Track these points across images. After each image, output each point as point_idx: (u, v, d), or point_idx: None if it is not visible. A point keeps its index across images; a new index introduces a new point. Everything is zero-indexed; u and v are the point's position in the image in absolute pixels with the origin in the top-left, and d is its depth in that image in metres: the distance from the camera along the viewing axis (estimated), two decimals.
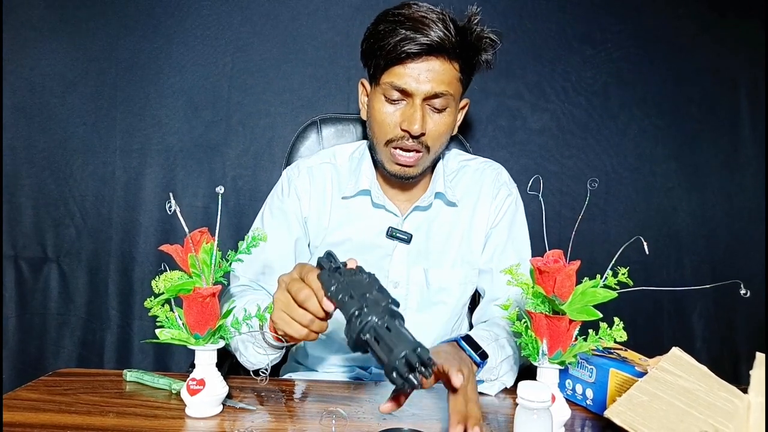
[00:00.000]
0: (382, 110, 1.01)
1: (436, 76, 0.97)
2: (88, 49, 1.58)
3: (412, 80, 0.96)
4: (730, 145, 1.72)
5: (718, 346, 1.72)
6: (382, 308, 0.64)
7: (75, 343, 1.61)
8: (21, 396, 0.84)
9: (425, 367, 0.59)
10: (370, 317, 0.64)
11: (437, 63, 0.96)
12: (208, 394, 0.78)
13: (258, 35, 1.61)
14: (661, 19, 1.68)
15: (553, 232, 0.89)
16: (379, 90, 1.00)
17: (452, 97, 1.00)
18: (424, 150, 1.02)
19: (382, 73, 0.99)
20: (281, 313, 0.77)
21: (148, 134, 1.60)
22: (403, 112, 0.99)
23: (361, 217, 1.11)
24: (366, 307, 0.65)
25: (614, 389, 0.83)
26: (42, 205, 1.59)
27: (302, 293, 0.74)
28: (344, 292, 0.69)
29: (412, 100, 0.98)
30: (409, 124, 0.98)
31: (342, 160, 1.16)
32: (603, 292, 0.76)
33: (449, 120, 1.03)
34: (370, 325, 0.63)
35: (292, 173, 1.15)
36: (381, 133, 1.02)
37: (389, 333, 0.62)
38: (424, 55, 0.95)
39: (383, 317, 0.64)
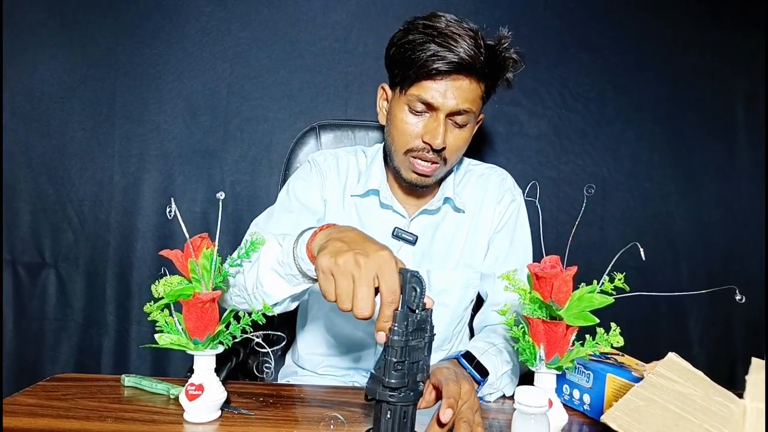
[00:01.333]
0: (405, 120, 1.02)
1: (462, 94, 0.98)
2: (87, 55, 1.59)
3: (438, 95, 0.98)
4: (726, 151, 1.73)
5: (715, 351, 1.73)
6: (412, 396, 0.65)
7: (72, 348, 1.61)
8: (19, 401, 0.84)
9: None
10: (401, 401, 0.65)
11: (465, 81, 0.98)
12: (206, 400, 0.78)
13: (257, 41, 1.62)
14: (658, 26, 1.69)
15: (551, 238, 0.89)
16: (404, 100, 1.02)
17: (473, 114, 1.02)
18: (442, 162, 1.04)
19: (411, 86, 1.00)
20: (347, 281, 0.67)
21: (147, 140, 1.61)
22: (426, 124, 1.01)
23: (368, 216, 1.13)
24: (404, 387, 0.65)
25: (611, 394, 0.84)
26: (40, 210, 1.59)
27: (384, 297, 0.66)
28: (402, 346, 0.64)
29: (436, 114, 1.00)
30: (431, 138, 0.99)
31: (362, 159, 1.18)
32: (600, 297, 0.77)
33: (467, 136, 1.05)
34: (395, 405, 0.65)
35: (318, 157, 1.18)
36: (401, 142, 1.03)
37: (402, 421, 0.65)
38: (453, 72, 0.97)
39: (411, 403, 0.66)
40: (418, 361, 0.65)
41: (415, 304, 0.65)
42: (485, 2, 1.63)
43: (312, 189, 1.13)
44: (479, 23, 1.01)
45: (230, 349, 0.83)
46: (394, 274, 0.67)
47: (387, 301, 0.65)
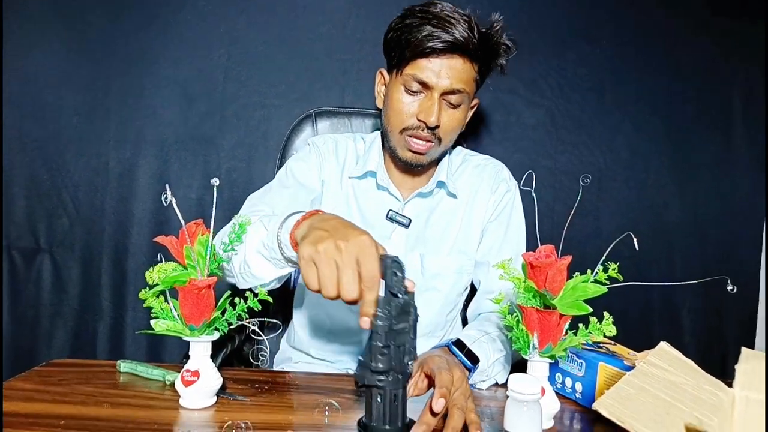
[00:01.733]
0: (401, 100, 1.05)
1: (456, 74, 1.01)
2: (82, 40, 1.58)
3: (433, 74, 1.01)
4: (723, 144, 1.74)
5: (707, 341, 1.75)
6: (400, 380, 0.66)
7: (68, 333, 1.61)
8: (15, 386, 0.84)
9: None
10: (389, 385, 0.65)
11: (458, 61, 1.01)
12: (202, 386, 0.79)
13: (254, 27, 1.60)
14: (657, 17, 1.69)
15: (546, 228, 0.90)
16: (400, 80, 1.05)
17: (467, 95, 1.05)
18: (436, 141, 1.06)
19: (406, 65, 1.03)
20: (329, 268, 0.68)
21: (142, 125, 1.60)
22: (421, 103, 1.04)
23: (365, 198, 1.15)
24: (391, 371, 0.65)
25: (603, 383, 0.85)
26: (35, 195, 1.59)
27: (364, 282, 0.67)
28: (387, 332, 0.65)
29: (430, 93, 1.02)
30: (426, 116, 1.02)
31: (360, 144, 1.21)
32: (593, 287, 0.77)
33: (461, 116, 1.08)
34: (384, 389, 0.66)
35: (317, 140, 1.20)
36: (397, 122, 1.06)
37: (393, 404, 0.66)
38: (447, 52, 1.00)
39: (400, 386, 0.66)
40: (403, 344, 0.66)
41: (396, 289, 0.65)
42: None
43: (310, 169, 1.16)
44: (478, 11, 1.03)
45: (225, 335, 0.84)
46: (374, 259, 0.67)
47: (367, 285, 0.66)
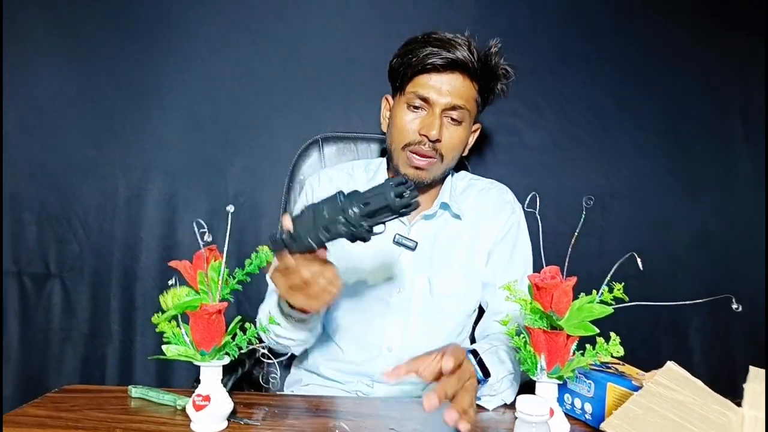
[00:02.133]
0: (403, 117, 1.09)
1: (456, 90, 1.06)
2: (91, 67, 1.61)
3: (434, 90, 1.06)
4: (725, 161, 1.74)
5: (716, 360, 1.73)
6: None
7: (77, 358, 1.62)
8: (28, 413, 0.85)
9: (404, 184, 0.75)
10: (343, 210, 0.77)
11: (459, 78, 1.06)
12: (213, 410, 0.80)
13: (259, 53, 1.64)
14: (657, 37, 1.71)
15: (551, 248, 0.91)
16: (403, 99, 1.10)
17: (468, 113, 1.09)
18: (438, 157, 1.09)
19: (408, 83, 1.09)
20: (305, 300, 0.86)
21: (151, 151, 1.62)
22: (422, 119, 1.08)
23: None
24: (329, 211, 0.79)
25: (612, 403, 0.85)
26: (45, 220, 1.61)
27: (301, 273, 0.83)
28: (321, 225, 0.79)
29: (432, 110, 1.07)
30: (427, 130, 1.06)
31: (359, 172, 1.24)
32: (599, 307, 0.78)
33: (463, 134, 1.11)
34: (349, 208, 0.77)
35: (314, 181, 1.24)
36: (400, 138, 1.10)
37: (365, 194, 0.77)
38: (448, 69, 1.05)
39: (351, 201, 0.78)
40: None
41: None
42: (484, 14, 1.66)
43: None
44: (479, 34, 1.07)
45: (236, 359, 0.85)
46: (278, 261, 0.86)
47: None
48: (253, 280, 0.85)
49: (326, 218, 0.79)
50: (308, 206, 0.82)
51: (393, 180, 0.76)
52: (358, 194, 0.78)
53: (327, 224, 0.79)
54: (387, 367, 1.11)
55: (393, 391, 1.13)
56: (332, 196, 0.80)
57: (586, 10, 1.69)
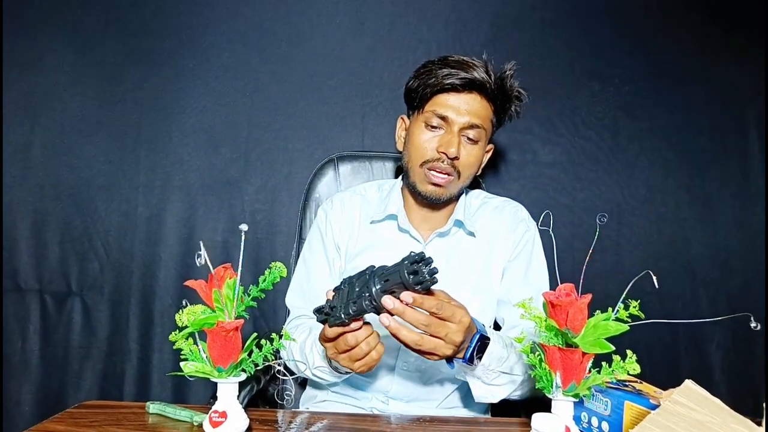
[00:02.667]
0: (421, 135, 1.11)
1: (474, 110, 1.08)
2: (114, 91, 1.66)
3: (452, 110, 1.08)
4: (740, 175, 1.73)
5: (738, 378, 1.70)
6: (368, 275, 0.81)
7: (96, 375, 1.64)
8: (49, 428, 0.86)
9: (422, 261, 0.77)
10: (368, 285, 0.80)
11: (477, 98, 1.08)
12: (230, 426, 0.80)
13: (276, 75, 1.68)
14: (669, 53, 1.72)
15: (566, 265, 0.91)
16: (422, 118, 1.12)
17: (484, 132, 1.11)
18: (456, 175, 1.11)
19: (427, 102, 1.11)
20: (351, 363, 0.89)
21: (170, 171, 1.66)
22: (441, 137, 1.10)
23: (387, 242, 1.18)
24: (360, 286, 0.81)
25: (629, 422, 0.84)
26: (68, 240, 1.65)
27: (347, 340, 0.86)
28: (351, 301, 0.82)
29: (450, 128, 1.09)
30: (446, 147, 1.08)
31: (371, 193, 1.26)
32: (615, 325, 0.77)
33: (479, 153, 1.13)
34: (372, 283, 0.79)
35: (327, 206, 1.25)
36: (418, 156, 1.12)
37: (385, 270, 0.80)
38: (466, 89, 1.07)
39: (373, 277, 0.80)
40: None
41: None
42: (498, 34, 1.68)
43: (317, 257, 1.22)
44: (492, 54, 1.09)
45: (251, 376, 0.85)
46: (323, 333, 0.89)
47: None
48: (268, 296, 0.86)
49: (356, 292, 0.82)
50: (345, 279, 0.86)
51: (408, 258, 0.77)
52: (380, 270, 0.81)
53: (355, 299, 0.82)
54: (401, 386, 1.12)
55: (408, 407, 1.13)
56: (363, 270, 0.84)
57: (597, 29, 1.70)
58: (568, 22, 1.69)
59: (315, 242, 1.25)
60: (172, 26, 1.67)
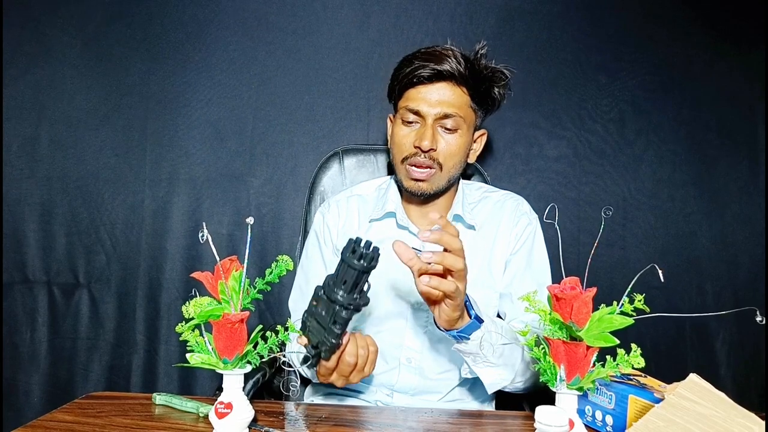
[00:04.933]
0: (399, 133, 1.12)
1: (446, 99, 1.07)
2: (120, 85, 1.67)
3: (424, 103, 1.08)
4: (748, 170, 1.72)
5: (744, 373, 1.69)
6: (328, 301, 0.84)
7: (103, 366, 1.65)
8: (57, 418, 0.88)
9: (355, 243, 0.80)
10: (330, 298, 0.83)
11: (447, 87, 1.08)
12: (235, 418, 0.81)
13: (281, 69, 1.67)
14: (676, 48, 1.71)
15: (572, 258, 0.90)
16: (398, 116, 1.13)
17: (462, 120, 1.09)
18: (437, 167, 1.10)
19: (399, 99, 1.12)
20: (337, 379, 0.93)
21: (176, 164, 1.67)
22: (417, 132, 1.10)
23: (387, 239, 1.16)
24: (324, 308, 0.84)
25: (634, 416, 0.84)
26: (75, 232, 1.66)
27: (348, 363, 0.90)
28: (330, 323, 0.84)
29: (424, 121, 1.09)
30: (420, 141, 1.08)
31: (369, 192, 1.26)
32: (619, 318, 0.77)
33: (461, 141, 1.11)
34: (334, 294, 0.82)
35: (324, 209, 1.26)
36: (398, 152, 1.13)
37: (331, 275, 0.84)
38: (434, 79, 1.07)
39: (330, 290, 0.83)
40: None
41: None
42: (504, 27, 1.67)
43: (314, 260, 1.23)
44: (498, 47, 1.07)
45: (257, 368, 0.86)
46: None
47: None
48: (274, 289, 0.87)
49: (326, 315, 0.84)
50: (305, 315, 0.89)
51: (346, 248, 0.81)
52: (333, 279, 0.83)
53: (332, 318, 0.83)
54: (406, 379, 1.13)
55: (412, 400, 1.13)
56: (314, 293, 0.87)
57: (604, 22, 1.69)
58: (575, 15, 1.68)
59: (312, 246, 1.26)
60: (179, 19, 1.67)
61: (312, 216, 1.38)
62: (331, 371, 0.91)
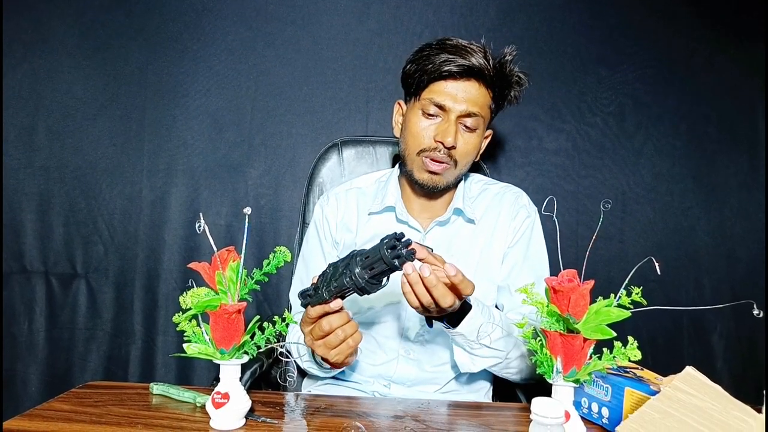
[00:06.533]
0: (418, 123, 1.10)
1: (472, 97, 1.06)
2: (118, 75, 1.66)
3: (449, 98, 1.06)
4: (748, 164, 1.72)
5: (740, 367, 1.70)
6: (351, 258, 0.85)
7: (101, 356, 1.66)
8: (54, 407, 0.88)
9: (399, 240, 0.82)
10: (350, 266, 0.85)
11: (474, 85, 1.06)
12: (232, 408, 0.81)
13: (280, 59, 1.67)
14: (676, 41, 1.70)
15: (570, 251, 0.90)
16: (418, 105, 1.10)
17: (482, 120, 1.09)
18: (452, 163, 1.10)
19: (424, 90, 1.09)
20: (327, 351, 0.92)
21: (174, 155, 1.66)
22: (438, 126, 1.08)
23: (386, 232, 1.15)
24: (342, 268, 0.86)
25: (630, 408, 0.84)
26: (72, 223, 1.66)
27: (321, 325, 0.90)
28: (333, 279, 0.87)
29: (447, 116, 1.07)
30: (443, 137, 1.06)
31: (368, 185, 1.25)
32: (616, 311, 0.77)
33: (477, 141, 1.11)
34: (353, 265, 0.84)
35: (323, 202, 1.25)
36: (415, 144, 1.10)
37: (366, 251, 0.84)
38: (464, 76, 1.05)
39: (354, 258, 0.85)
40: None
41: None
42: (504, 19, 1.66)
43: (314, 253, 1.24)
44: (498, 39, 1.07)
45: (254, 358, 0.86)
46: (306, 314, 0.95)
47: None
48: (272, 281, 0.87)
49: (338, 273, 0.86)
50: (331, 263, 0.90)
51: (387, 236, 0.82)
52: (360, 252, 0.85)
53: (337, 277, 0.86)
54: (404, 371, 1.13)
55: (410, 392, 1.14)
56: (348, 254, 0.88)
57: (605, 14, 1.68)
58: (575, 7, 1.67)
59: (312, 239, 1.26)
60: (177, 9, 1.66)
61: (310, 207, 1.38)
62: (309, 323, 0.93)
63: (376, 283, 0.85)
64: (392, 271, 0.83)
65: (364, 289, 0.85)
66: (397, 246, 0.81)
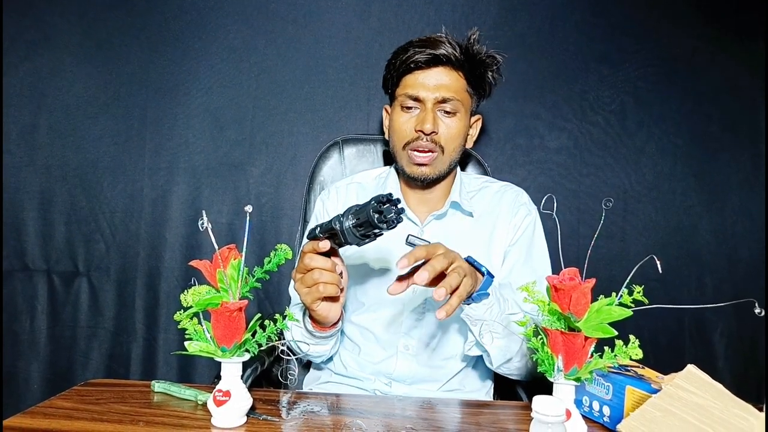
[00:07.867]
0: (399, 119, 1.13)
1: (444, 84, 1.09)
2: (120, 73, 1.66)
3: (422, 88, 1.09)
4: (750, 163, 1.72)
5: (742, 365, 1.70)
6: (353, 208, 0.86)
7: (103, 354, 1.66)
8: (56, 404, 0.88)
9: (390, 202, 0.82)
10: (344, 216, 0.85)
11: (444, 72, 1.09)
12: (233, 406, 0.81)
13: (281, 58, 1.66)
14: (679, 40, 1.69)
15: (572, 250, 0.90)
16: (397, 102, 1.13)
17: (460, 103, 1.11)
18: (439, 150, 1.12)
19: (397, 86, 1.13)
20: (301, 288, 0.92)
21: (176, 153, 1.66)
22: (417, 117, 1.11)
23: None
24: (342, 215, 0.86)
25: (631, 406, 0.84)
26: (74, 221, 1.66)
27: (304, 260, 0.90)
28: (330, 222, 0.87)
29: (424, 105, 1.10)
30: (421, 125, 1.09)
31: (368, 180, 1.27)
32: (618, 310, 0.77)
33: (460, 125, 1.13)
34: (345, 219, 0.84)
35: (324, 195, 1.27)
36: (399, 139, 1.13)
37: (358, 207, 0.84)
38: (431, 64, 1.09)
39: (348, 213, 0.85)
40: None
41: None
42: (506, 17, 1.66)
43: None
44: (500, 37, 1.07)
45: (255, 356, 0.86)
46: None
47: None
48: (273, 278, 0.87)
49: (335, 216, 0.88)
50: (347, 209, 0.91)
51: (376, 197, 0.82)
52: (354, 207, 0.86)
53: (329, 221, 0.88)
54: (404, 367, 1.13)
55: (411, 390, 1.14)
56: (352, 205, 0.89)
57: (607, 13, 1.68)
58: (577, 6, 1.67)
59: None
60: (178, 7, 1.66)
61: (311, 206, 1.38)
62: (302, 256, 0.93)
63: (360, 237, 0.86)
64: (379, 233, 0.84)
65: (346, 241, 0.86)
66: (383, 211, 0.81)
